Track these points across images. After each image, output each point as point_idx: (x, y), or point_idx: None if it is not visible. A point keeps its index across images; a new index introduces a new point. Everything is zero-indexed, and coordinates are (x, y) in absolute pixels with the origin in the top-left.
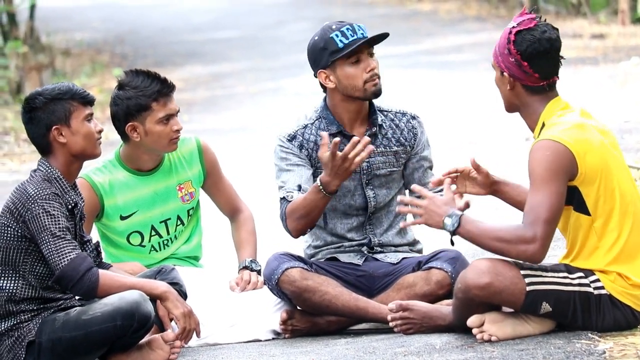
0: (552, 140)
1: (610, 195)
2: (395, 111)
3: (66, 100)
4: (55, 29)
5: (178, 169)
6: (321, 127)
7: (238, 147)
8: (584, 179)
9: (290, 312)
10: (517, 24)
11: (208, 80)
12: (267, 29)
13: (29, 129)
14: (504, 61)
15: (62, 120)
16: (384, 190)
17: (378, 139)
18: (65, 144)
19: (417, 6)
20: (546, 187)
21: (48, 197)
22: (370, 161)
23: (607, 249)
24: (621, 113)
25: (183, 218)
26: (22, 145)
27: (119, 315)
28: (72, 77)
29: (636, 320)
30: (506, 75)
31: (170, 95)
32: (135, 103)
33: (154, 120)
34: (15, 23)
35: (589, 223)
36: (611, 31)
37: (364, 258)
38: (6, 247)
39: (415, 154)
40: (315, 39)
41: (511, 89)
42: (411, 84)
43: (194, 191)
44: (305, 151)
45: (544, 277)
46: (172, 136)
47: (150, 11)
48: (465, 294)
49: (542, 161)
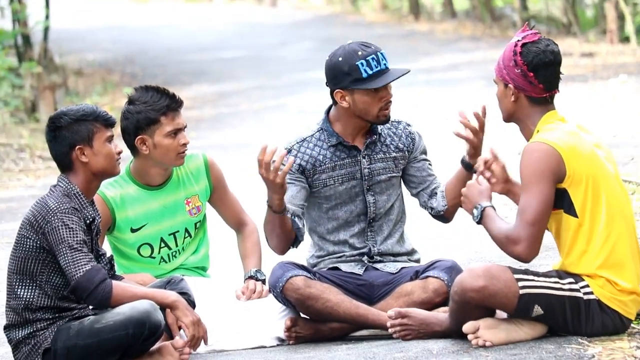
0: (541, 142)
1: (597, 201)
2: (392, 120)
3: (90, 121)
4: (68, 50)
5: (186, 184)
6: (321, 138)
7: (243, 162)
8: (572, 181)
9: (294, 320)
10: (522, 38)
11: (214, 99)
12: (270, 49)
13: (52, 146)
14: (509, 73)
15: (84, 140)
16: (383, 197)
17: (377, 146)
18: (86, 163)
19: (414, 26)
20: (533, 188)
21: (67, 211)
22: (371, 167)
23: (595, 253)
24: (610, 128)
25: (190, 230)
26: (37, 161)
27: (131, 324)
28: (85, 96)
29: (623, 326)
30: (511, 87)
31: (178, 110)
32: (145, 117)
33: (162, 133)
34: (30, 45)
35: (576, 225)
36: (600, 50)
37: (365, 267)
38: (25, 257)
39: (416, 155)
40: (339, 60)
41: (515, 101)
42: (410, 100)
43: (201, 205)
44: (297, 165)
45: (536, 281)
46: (179, 150)
47: (159, 32)
48: (461, 297)
49: (530, 162)
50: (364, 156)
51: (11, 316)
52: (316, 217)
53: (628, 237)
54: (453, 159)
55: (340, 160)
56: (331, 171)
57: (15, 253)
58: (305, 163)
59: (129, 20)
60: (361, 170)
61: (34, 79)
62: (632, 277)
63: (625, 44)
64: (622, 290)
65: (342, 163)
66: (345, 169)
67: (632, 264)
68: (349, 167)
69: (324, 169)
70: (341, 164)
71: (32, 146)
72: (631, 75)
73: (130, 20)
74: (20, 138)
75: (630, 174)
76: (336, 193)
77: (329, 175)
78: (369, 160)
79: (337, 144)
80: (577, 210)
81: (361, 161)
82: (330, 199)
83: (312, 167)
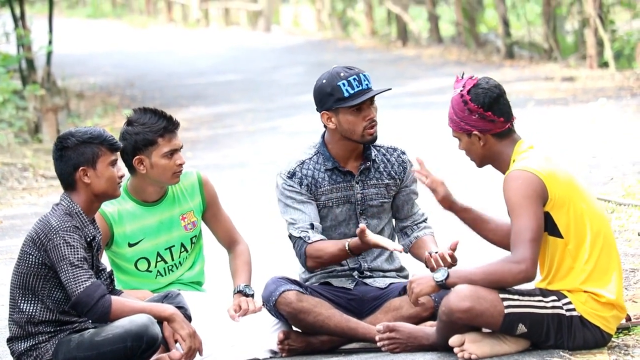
0: (522, 170)
1: (580, 219)
2: (387, 147)
3: (95, 144)
4: (70, 74)
5: (181, 200)
6: (319, 162)
7: (238, 181)
8: (554, 205)
9: (286, 333)
10: (462, 87)
11: (210, 120)
12: (264, 73)
13: (57, 165)
14: (468, 122)
15: (89, 162)
16: (375, 220)
17: (371, 172)
18: (88, 184)
19: (402, 51)
20: (525, 211)
21: (69, 229)
22: (364, 192)
23: (581, 268)
24: (589, 149)
25: (186, 245)
26: (39, 180)
27: (129, 337)
28: (86, 118)
29: (604, 340)
30: (475, 134)
31: (174, 132)
32: (143, 138)
33: (159, 154)
34: (34, 68)
35: (563, 245)
36: (580, 74)
37: (355, 282)
38: (27, 273)
39: (404, 186)
40: (323, 82)
41: (484, 145)
42: (397, 122)
43: (196, 220)
44: (305, 187)
45: (520, 300)
46: (175, 170)
47: (157, 57)
48: (448, 317)
49: (516, 189)
50: (358, 182)
51: (14, 329)
52: None
53: (609, 252)
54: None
55: (336, 184)
56: (329, 193)
57: (18, 268)
58: (309, 184)
59: (129, 45)
60: (354, 195)
61: (37, 101)
62: (614, 289)
63: (604, 69)
64: (606, 302)
65: (338, 186)
66: (341, 192)
67: (615, 277)
68: (344, 191)
69: (323, 191)
70: (337, 187)
71: (35, 165)
72: (610, 98)
73: (130, 46)
74: (23, 158)
75: (610, 194)
76: (332, 215)
77: (328, 197)
78: (362, 185)
79: (332, 168)
80: (561, 231)
81: (355, 186)
82: (325, 220)
83: (315, 188)
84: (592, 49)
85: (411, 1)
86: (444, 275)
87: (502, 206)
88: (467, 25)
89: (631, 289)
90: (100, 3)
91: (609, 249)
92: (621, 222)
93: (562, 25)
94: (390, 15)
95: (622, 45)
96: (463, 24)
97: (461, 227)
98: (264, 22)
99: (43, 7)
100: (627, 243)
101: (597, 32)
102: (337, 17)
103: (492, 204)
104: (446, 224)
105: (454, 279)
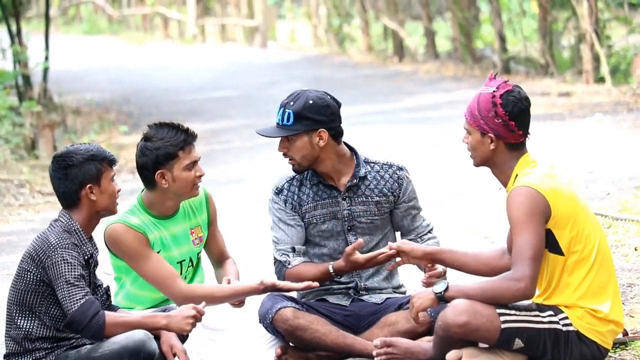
0: (527, 187)
1: (580, 235)
2: (383, 163)
3: (98, 161)
4: (67, 90)
5: (190, 215)
6: (307, 177)
7: (235, 197)
8: (556, 223)
9: (284, 348)
10: (497, 88)
11: (207, 136)
12: (261, 88)
13: (61, 184)
14: (488, 123)
15: (94, 179)
16: (366, 237)
17: (360, 189)
18: (94, 201)
19: (398, 67)
20: (526, 228)
21: (67, 247)
22: (351, 209)
23: (577, 284)
24: (586, 164)
25: (194, 260)
26: (36, 196)
27: (126, 353)
28: (82, 134)
29: (601, 355)
30: (490, 136)
31: (193, 143)
32: (164, 152)
33: (180, 167)
34: (30, 84)
35: (562, 262)
36: (576, 90)
37: (351, 299)
38: (25, 289)
39: (402, 202)
40: (329, 101)
41: (494, 149)
42: (394, 138)
43: (203, 235)
44: (290, 205)
45: (517, 315)
46: (195, 181)
47: (154, 73)
48: (445, 332)
49: (520, 206)
50: (344, 198)
51: (11, 345)
52: (306, 251)
53: (607, 267)
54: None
55: (321, 200)
56: (313, 210)
57: (15, 285)
58: (293, 202)
59: (126, 61)
60: (341, 212)
61: (33, 118)
62: (611, 305)
63: (600, 84)
64: (603, 318)
65: (323, 202)
66: (327, 209)
67: (611, 292)
68: (330, 207)
69: (307, 208)
70: (322, 203)
71: (32, 182)
72: (606, 114)
73: (126, 62)
74: (20, 174)
75: (607, 209)
76: (318, 231)
77: (312, 214)
78: (350, 202)
79: (317, 183)
80: (563, 249)
81: (341, 203)
82: (314, 236)
83: (299, 205)
84: (589, 64)
85: (407, 17)
86: (443, 287)
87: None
88: (464, 41)
89: (628, 304)
90: (97, 20)
91: (606, 264)
92: (618, 237)
93: (559, 41)
94: (386, 30)
95: (618, 61)
96: (459, 39)
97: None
98: (260, 38)
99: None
100: (624, 258)
101: (594, 48)
102: (334, 33)
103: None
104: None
105: (453, 293)
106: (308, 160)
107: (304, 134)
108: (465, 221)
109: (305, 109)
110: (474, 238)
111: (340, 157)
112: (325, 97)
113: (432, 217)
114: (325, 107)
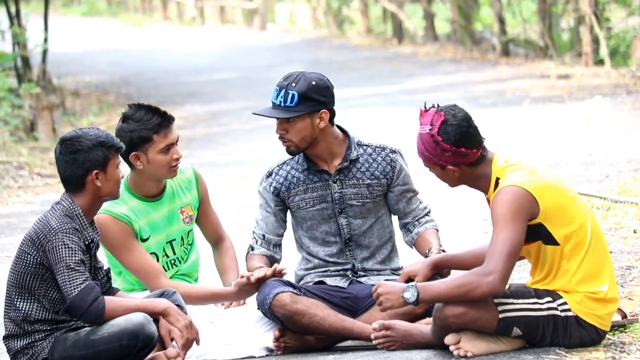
0: (513, 186)
1: (573, 223)
2: (375, 146)
3: (107, 147)
4: (66, 72)
5: (179, 195)
6: (299, 161)
7: (234, 179)
8: (546, 216)
9: (282, 331)
10: (431, 125)
11: (206, 118)
12: (260, 71)
13: (67, 168)
14: (441, 158)
15: (101, 165)
16: (358, 220)
17: (351, 172)
18: (99, 187)
19: (398, 49)
20: (507, 226)
21: (68, 231)
22: (342, 192)
23: (576, 268)
24: (585, 147)
25: (185, 239)
26: (35, 178)
27: (125, 336)
28: (81, 116)
29: (600, 337)
30: (448, 168)
31: (169, 126)
32: (138, 135)
33: (155, 150)
34: (29, 66)
35: (559, 251)
36: (576, 72)
37: (349, 281)
38: (24, 272)
39: (396, 185)
40: (328, 82)
41: (460, 174)
42: (393, 120)
43: (193, 214)
44: (273, 190)
45: (515, 304)
46: (172, 164)
47: (153, 55)
48: (443, 322)
49: (504, 204)
50: (335, 181)
51: (10, 327)
52: (301, 235)
53: (601, 248)
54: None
55: (312, 183)
56: (303, 193)
57: (15, 267)
58: (280, 185)
59: (125, 43)
60: (332, 194)
61: (32, 100)
62: (608, 283)
63: (599, 66)
64: (601, 299)
65: (313, 186)
66: (317, 192)
67: (608, 272)
68: (321, 190)
69: (297, 191)
70: (313, 186)
71: (31, 164)
72: (605, 96)
73: (125, 44)
74: (19, 156)
75: (606, 191)
76: (309, 214)
77: (302, 197)
78: (341, 184)
79: (308, 167)
80: (557, 239)
81: (332, 185)
82: (306, 220)
83: (287, 190)
84: (588, 47)
85: None
86: (414, 295)
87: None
88: (463, 23)
89: (627, 286)
90: (96, 1)
91: (600, 245)
92: (617, 220)
93: (558, 23)
94: (385, 13)
95: (617, 43)
96: (459, 21)
97: (465, 227)
98: (259, 20)
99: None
100: (623, 240)
101: (593, 30)
102: (333, 15)
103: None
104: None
105: (424, 297)
106: (306, 142)
107: (307, 116)
108: (463, 203)
109: (309, 90)
110: (473, 220)
111: (334, 139)
112: (324, 78)
113: (430, 199)
114: (326, 88)
